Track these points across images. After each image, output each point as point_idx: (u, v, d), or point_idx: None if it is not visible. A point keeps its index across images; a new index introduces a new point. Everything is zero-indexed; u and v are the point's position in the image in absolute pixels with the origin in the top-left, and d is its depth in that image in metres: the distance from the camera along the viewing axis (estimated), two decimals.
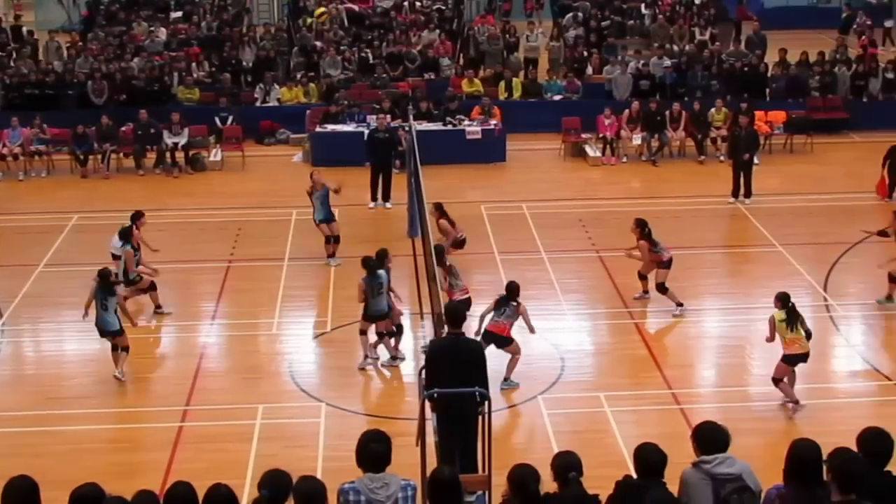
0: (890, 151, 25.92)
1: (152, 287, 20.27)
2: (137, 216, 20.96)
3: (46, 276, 22.16)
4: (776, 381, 16.45)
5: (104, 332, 17.89)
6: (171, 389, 17.60)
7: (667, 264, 19.92)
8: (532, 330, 17.65)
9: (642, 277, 20.37)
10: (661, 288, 19.91)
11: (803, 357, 16.41)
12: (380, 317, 17.99)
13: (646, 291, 20.47)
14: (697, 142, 30.04)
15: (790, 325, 16.27)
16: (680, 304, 19.97)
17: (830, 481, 7.99)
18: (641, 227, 19.88)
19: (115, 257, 20.48)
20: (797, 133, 30.69)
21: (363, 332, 18.12)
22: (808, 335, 16.41)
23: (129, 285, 19.84)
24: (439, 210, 21.93)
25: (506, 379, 17.26)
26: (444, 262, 18.57)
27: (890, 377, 17.61)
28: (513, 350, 17.38)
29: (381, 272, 17.91)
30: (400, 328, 18.54)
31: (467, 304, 18.24)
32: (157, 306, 20.33)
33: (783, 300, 16.43)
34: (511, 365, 17.32)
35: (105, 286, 17.74)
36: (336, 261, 22.37)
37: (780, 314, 16.32)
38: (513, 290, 17.47)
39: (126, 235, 20.06)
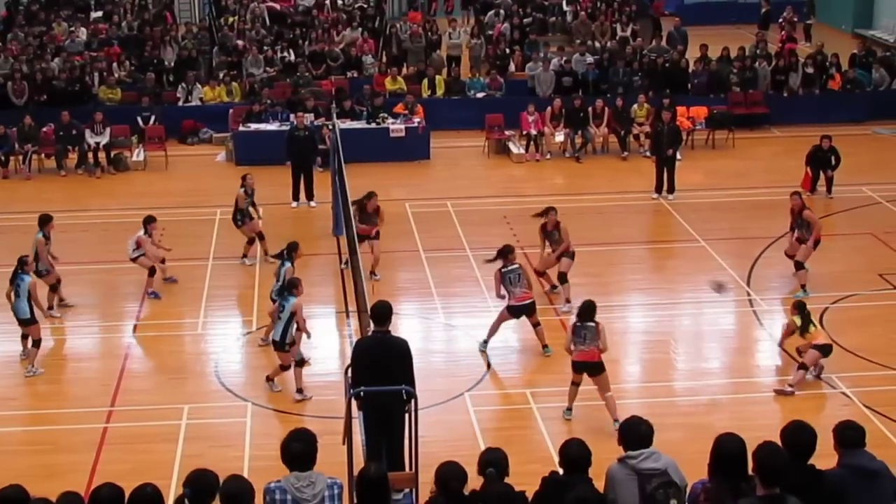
0: (813, 150, 26.21)
1: (56, 283, 20.30)
2: (150, 220, 21.26)
3: None
4: (805, 367, 17.14)
5: (18, 320, 18.10)
6: (96, 390, 17.46)
7: (571, 254, 20.31)
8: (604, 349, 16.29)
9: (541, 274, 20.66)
10: (564, 278, 20.29)
11: (832, 346, 17.39)
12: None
13: (553, 286, 20.76)
14: (620, 138, 30.21)
15: (807, 325, 17.28)
16: (568, 301, 20.07)
17: (754, 475, 8.08)
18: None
19: (133, 260, 21.01)
20: (719, 128, 30.98)
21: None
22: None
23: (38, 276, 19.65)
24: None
25: (616, 420, 15.21)
26: (506, 262, 18.26)
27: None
28: (604, 384, 16.01)
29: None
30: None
31: (528, 308, 18.18)
32: (60, 299, 20.50)
33: (800, 308, 17.46)
34: (611, 406, 15.93)
35: (16, 271, 18.08)
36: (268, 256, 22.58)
37: (797, 319, 17.28)
38: (589, 309, 16.22)
39: (43, 223, 20.22)
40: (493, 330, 18.47)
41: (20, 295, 17.92)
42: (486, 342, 18.50)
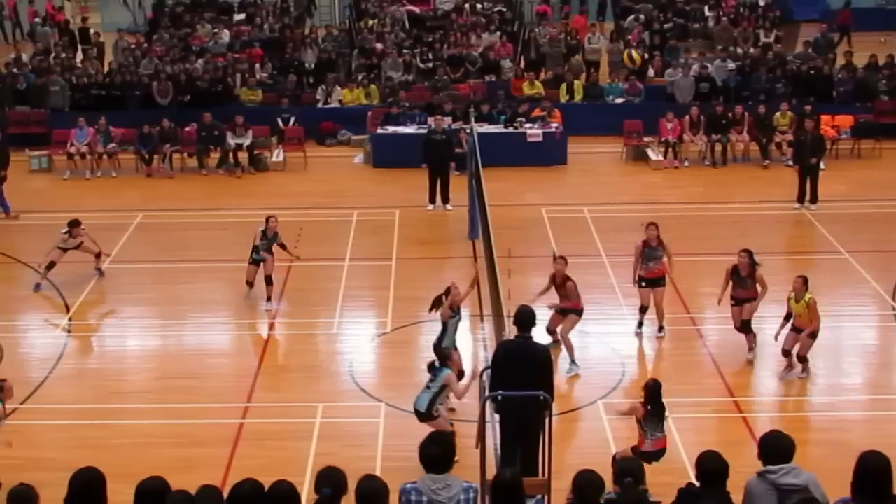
0: None
1: None
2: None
3: (111, 273, 22.31)
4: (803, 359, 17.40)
5: None
6: (232, 386, 17.68)
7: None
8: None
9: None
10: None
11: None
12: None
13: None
14: (762, 146, 29.77)
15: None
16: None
17: None
18: None
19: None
20: (864, 138, 30.34)
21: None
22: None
23: None
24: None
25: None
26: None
27: None
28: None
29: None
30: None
31: None
32: None
33: (806, 283, 17.23)
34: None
35: None
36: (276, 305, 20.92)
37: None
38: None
39: None
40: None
41: None
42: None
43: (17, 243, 23.26)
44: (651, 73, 34.49)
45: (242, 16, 40.76)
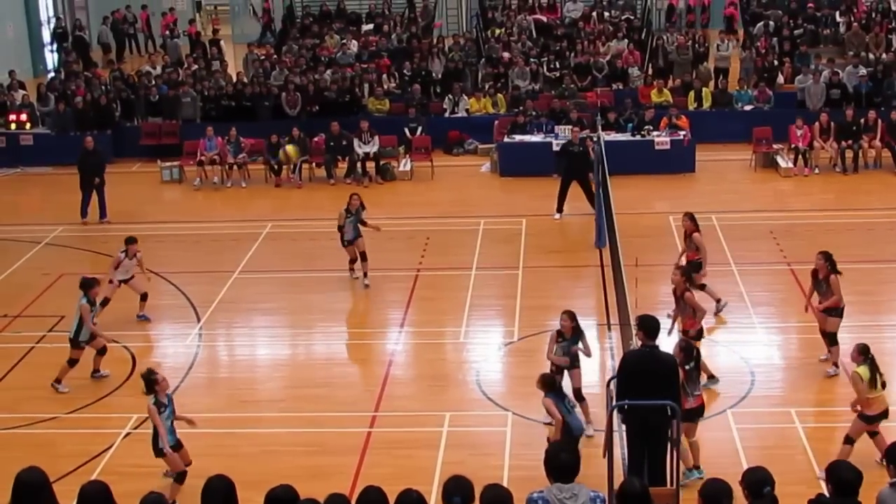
0: None
1: (102, 351, 18.31)
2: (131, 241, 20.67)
3: (241, 283, 22.68)
4: (851, 440, 14.53)
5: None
6: (360, 395, 17.82)
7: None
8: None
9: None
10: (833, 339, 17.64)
11: (886, 414, 14.62)
12: None
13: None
14: (894, 152, 29.18)
15: (873, 382, 14.45)
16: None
17: None
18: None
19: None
20: None
21: None
22: (884, 386, 14.66)
23: (75, 346, 17.88)
24: (693, 221, 19.89)
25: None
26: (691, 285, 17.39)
27: None
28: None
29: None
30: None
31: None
32: (95, 370, 18.43)
33: (865, 353, 14.56)
34: None
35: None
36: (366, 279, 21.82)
37: (865, 370, 14.42)
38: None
39: (87, 286, 17.89)
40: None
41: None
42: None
43: (151, 253, 23.71)
44: (781, 79, 34.03)
45: (370, 26, 41.17)
